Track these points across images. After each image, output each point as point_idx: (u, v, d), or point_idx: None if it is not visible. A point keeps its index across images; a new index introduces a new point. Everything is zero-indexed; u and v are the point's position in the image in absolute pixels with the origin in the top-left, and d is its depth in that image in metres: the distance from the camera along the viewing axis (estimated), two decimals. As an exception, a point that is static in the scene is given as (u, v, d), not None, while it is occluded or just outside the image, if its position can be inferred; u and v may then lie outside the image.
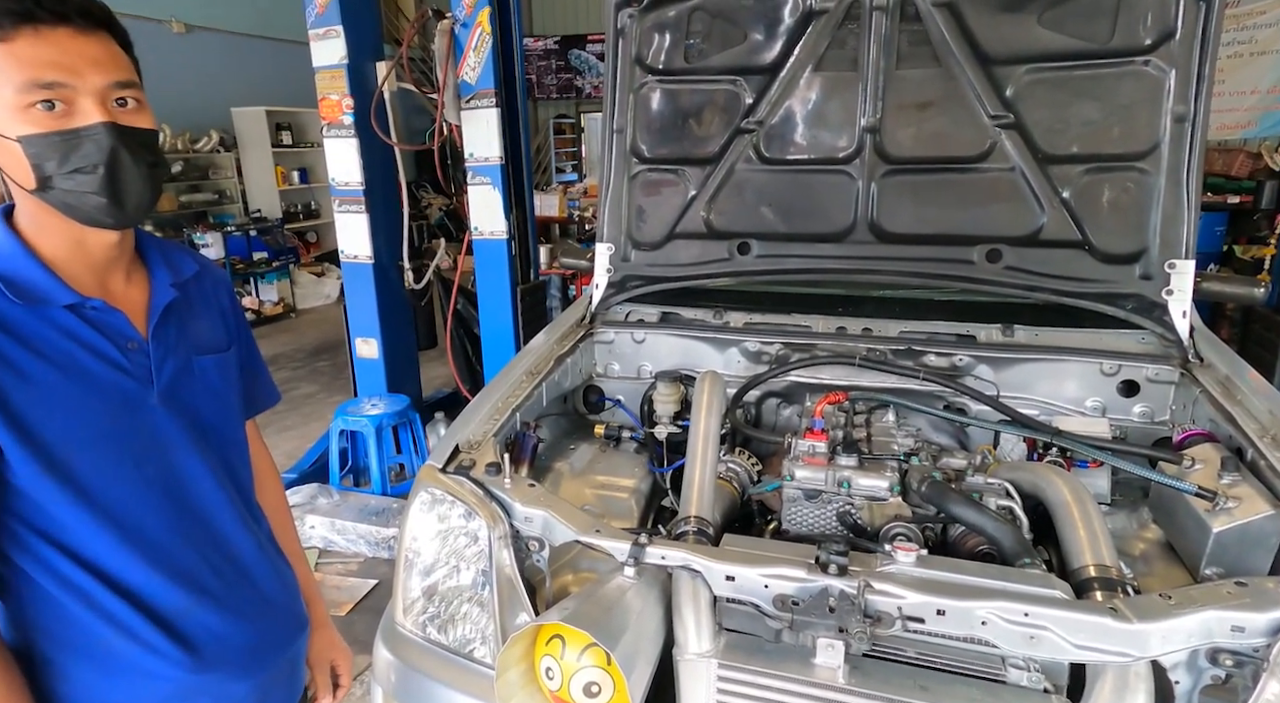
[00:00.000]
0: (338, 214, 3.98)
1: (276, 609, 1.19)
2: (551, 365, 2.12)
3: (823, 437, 1.78)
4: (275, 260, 8.39)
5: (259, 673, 1.14)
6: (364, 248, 3.98)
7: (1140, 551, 1.61)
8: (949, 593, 1.24)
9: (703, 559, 1.38)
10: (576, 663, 1.22)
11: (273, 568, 1.20)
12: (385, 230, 4.06)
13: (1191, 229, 1.83)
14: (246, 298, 8.42)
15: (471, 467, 1.63)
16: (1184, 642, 1.14)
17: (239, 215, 8.55)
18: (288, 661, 1.22)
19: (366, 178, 3.87)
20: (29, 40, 0.89)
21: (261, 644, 1.15)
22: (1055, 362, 1.93)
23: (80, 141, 0.93)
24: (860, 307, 2.25)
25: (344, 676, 1.39)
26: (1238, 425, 1.55)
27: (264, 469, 1.38)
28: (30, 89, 0.90)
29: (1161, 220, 1.86)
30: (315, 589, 1.41)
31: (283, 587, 1.22)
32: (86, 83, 0.93)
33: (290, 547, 1.36)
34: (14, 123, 0.91)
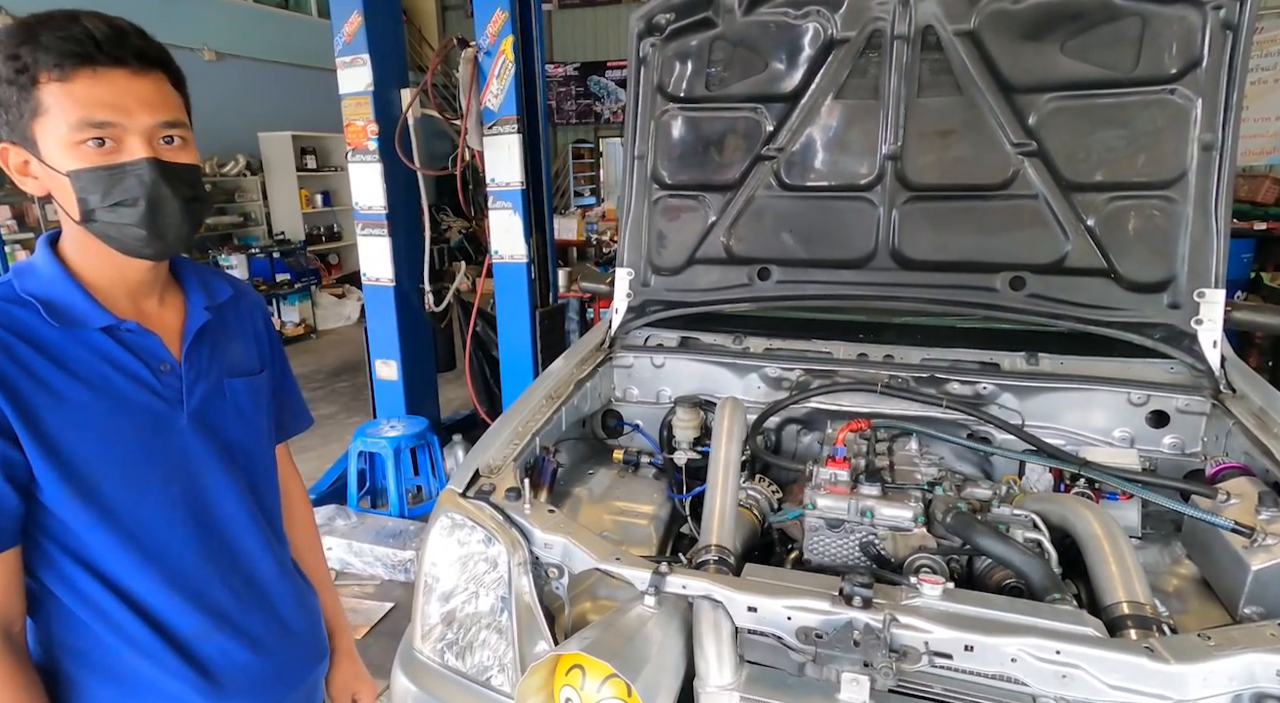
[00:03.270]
0: (360, 237, 4.04)
1: (295, 636, 1.18)
2: (571, 390, 2.12)
3: (845, 465, 1.76)
4: (297, 282, 8.50)
5: (274, 700, 1.13)
6: (385, 271, 4.03)
7: (1175, 587, 1.57)
8: (977, 628, 1.21)
9: (724, 589, 1.36)
10: (597, 694, 1.20)
11: (294, 593, 1.20)
12: (406, 253, 4.10)
13: (1221, 258, 1.80)
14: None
15: (492, 491, 1.63)
16: (1225, 686, 1.10)
17: (263, 238, 8.71)
18: (305, 689, 1.21)
19: (389, 202, 3.92)
20: (87, 82, 0.92)
21: (278, 671, 1.14)
22: (1082, 391, 1.90)
23: (124, 176, 0.96)
24: (882, 333, 2.24)
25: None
26: (1275, 460, 1.52)
27: (294, 495, 1.38)
28: (83, 127, 0.93)
29: (1190, 249, 1.83)
30: (342, 618, 1.41)
31: (304, 613, 1.22)
32: (136, 121, 0.96)
33: (318, 574, 1.37)
34: (66, 157, 0.95)
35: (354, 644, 1.41)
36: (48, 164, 0.96)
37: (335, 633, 1.37)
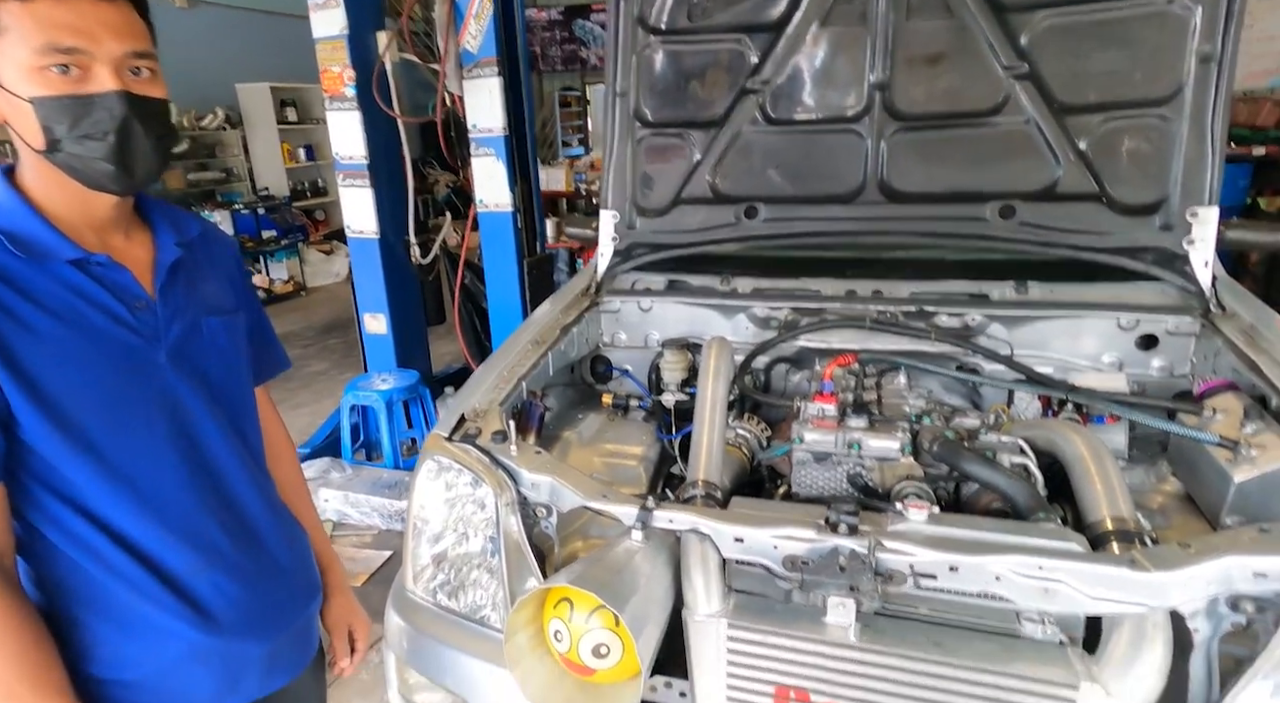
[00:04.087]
0: (342, 189, 3.95)
1: (287, 573, 1.19)
2: (557, 335, 2.11)
3: (832, 400, 1.76)
4: (284, 239, 8.39)
5: (270, 637, 1.14)
6: (369, 223, 3.96)
7: (1159, 504, 1.59)
8: (962, 549, 1.22)
9: (711, 522, 1.37)
10: (585, 625, 1.22)
11: (284, 532, 1.20)
12: (390, 205, 4.02)
13: (1215, 174, 1.76)
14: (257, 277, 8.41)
15: (477, 435, 1.62)
16: (1204, 590, 1.12)
17: (246, 194, 8.53)
18: (299, 626, 1.23)
19: (370, 151, 3.83)
20: (49, 2, 0.88)
21: (272, 608, 1.15)
22: (1070, 318, 1.88)
23: (92, 108, 0.93)
24: (870, 269, 2.21)
25: (360, 641, 1.40)
26: (1261, 373, 1.51)
27: (277, 437, 1.38)
28: (47, 52, 0.89)
29: (1184, 166, 1.79)
30: (332, 556, 1.42)
31: (294, 551, 1.22)
32: (103, 49, 0.92)
33: (305, 514, 1.37)
34: (28, 83, 0.91)
35: (347, 580, 1.43)
36: (7, 89, 0.91)
37: (327, 570, 1.38)
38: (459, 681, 1.45)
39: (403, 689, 1.59)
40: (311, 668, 1.28)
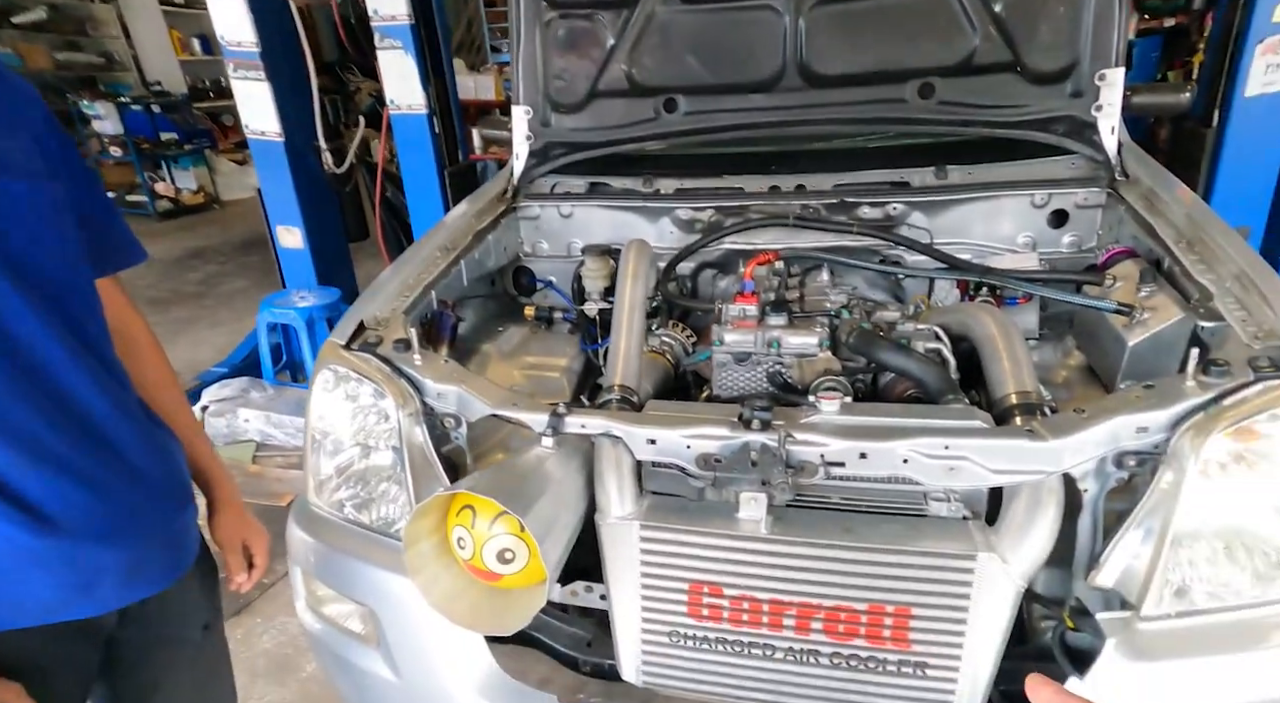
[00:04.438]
0: (234, 80, 3.59)
1: (147, 480, 1.08)
2: (470, 241, 1.99)
3: (753, 300, 1.71)
4: (187, 143, 7.74)
5: (128, 544, 1.05)
6: (270, 122, 3.65)
7: (1064, 378, 1.63)
8: (871, 435, 1.22)
9: (624, 425, 1.33)
10: (488, 531, 1.18)
11: (141, 436, 1.09)
12: (295, 104, 3.71)
13: (1122, 34, 1.75)
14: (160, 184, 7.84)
15: (378, 343, 1.53)
16: (1094, 451, 1.15)
17: (135, 86, 7.76)
18: (168, 535, 1.14)
19: (261, 38, 3.46)
20: None
21: (127, 514, 1.05)
22: (988, 200, 1.87)
23: None
24: (793, 162, 2.13)
25: (259, 555, 1.34)
26: (1157, 236, 1.54)
27: (136, 336, 1.23)
28: None
29: (1093, 25, 1.76)
30: (219, 467, 1.32)
31: (156, 457, 1.11)
32: None
33: (180, 420, 1.25)
34: None
35: (238, 492, 1.34)
36: None
37: (214, 483, 1.30)
38: (369, 593, 1.42)
39: (311, 602, 1.56)
40: (194, 580, 1.20)
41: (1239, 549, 1.11)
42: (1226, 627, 1.10)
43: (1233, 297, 1.30)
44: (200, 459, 1.28)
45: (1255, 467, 1.08)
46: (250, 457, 3.45)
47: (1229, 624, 1.10)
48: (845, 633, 1.26)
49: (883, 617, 1.23)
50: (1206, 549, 1.12)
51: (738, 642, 1.33)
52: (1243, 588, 1.12)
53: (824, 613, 1.26)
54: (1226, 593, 1.12)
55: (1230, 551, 1.11)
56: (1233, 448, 1.08)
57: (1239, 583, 1.12)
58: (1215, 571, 1.12)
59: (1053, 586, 1.34)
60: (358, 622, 1.51)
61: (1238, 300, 1.29)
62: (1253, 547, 1.11)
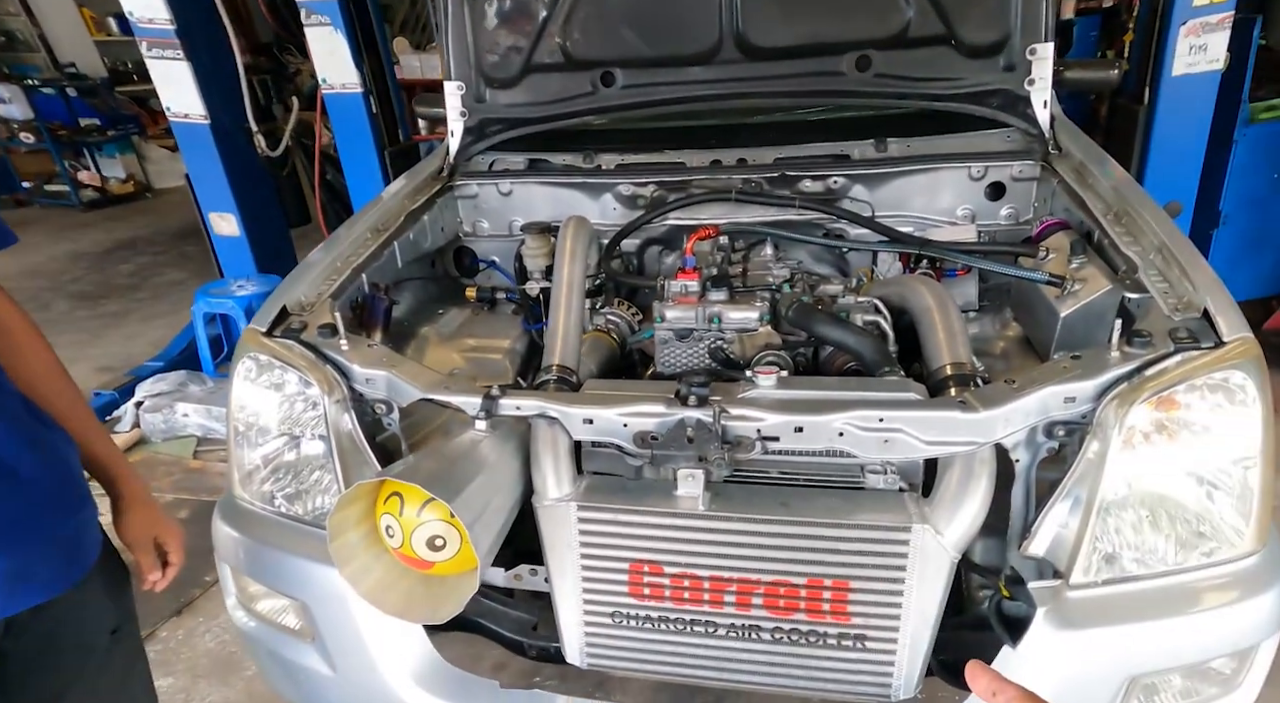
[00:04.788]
0: (150, 60, 3.40)
1: (25, 482, 1.01)
2: (403, 222, 1.92)
3: (694, 275, 1.69)
4: (111, 130, 7.35)
5: (7, 552, 0.99)
6: (193, 104, 3.47)
7: (1001, 349, 1.65)
8: (806, 409, 1.21)
9: (559, 405, 1.30)
10: (416, 518, 1.14)
11: (21, 437, 1.02)
12: (220, 84, 3.53)
13: (1050, 9, 1.76)
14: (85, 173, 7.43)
15: (302, 329, 1.47)
16: (1024, 421, 1.16)
17: (46, 68, 7.29)
18: (57, 540, 1.07)
19: (176, 14, 3.27)
20: None
21: (5, 521, 0.99)
22: (927, 172, 1.88)
23: None
24: (734, 136, 2.11)
25: (174, 553, 1.27)
26: (1087, 209, 1.56)
27: (12, 328, 1.15)
28: None
29: (1023, 1, 1.77)
30: (121, 462, 1.25)
31: (37, 457, 1.04)
32: None
33: (74, 416, 1.18)
34: None
35: (146, 490, 1.27)
36: None
37: (116, 479, 1.23)
38: (301, 587, 1.37)
39: (242, 600, 1.50)
40: (96, 584, 1.14)
41: (1162, 517, 1.13)
42: (1151, 594, 1.13)
43: (1155, 269, 1.33)
44: (99, 455, 1.21)
45: (1175, 436, 1.11)
46: (191, 452, 3.33)
47: (1154, 591, 1.13)
48: (785, 608, 1.26)
49: (821, 591, 1.23)
50: (1132, 518, 1.14)
51: (680, 620, 1.32)
52: (1167, 555, 1.14)
53: (764, 588, 1.25)
54: (1152, 561, 1.14)
55: (1154, 519, 1.13)
56: (1155, 417, 1.10)
57: (1163, 551, 1.14)
58: (1141, 538, 1.14)
59: (990, 555, 1.36)
60: (292, 617, 1.46)
61: (1160, 272, 1.31)
62: (1175, 515, 1.13)
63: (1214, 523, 1.13)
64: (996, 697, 0.53)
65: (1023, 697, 0.52)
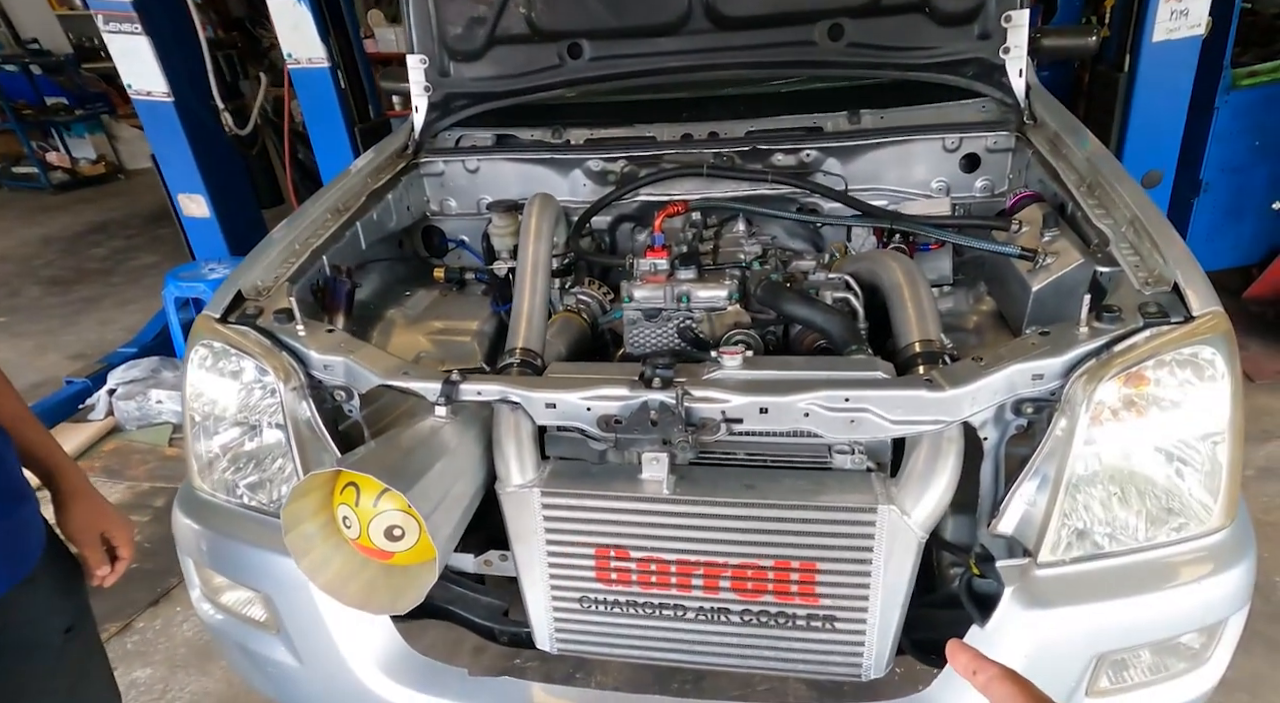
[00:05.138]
0: (108, 35, 3.27)
1: None
2: (365, 201, 1.86)
3: (663, 253, 1.66)
4: (79, 108, 7.12)
5: None
6: (156, 82, 3.36)
7: (974, 323, 1.62)
8: (771, 390, 1.18)
9: (521, 390, 1.27)
10: (373, 509, 1.12)
11: None
12: (182, 60, 3.42)
13: None
14: (53, 154, 7.21)
15: (258, 315, 1.43)
16: (991, 399, 1.14)
17: (7, 44, 7.05)
18: None
19: (132, -15, 3.16)
20: None
21: None
22: (901, 145, 1.83)
23: None
24: (705, 109, 2.06)
25: (123, 547, 1.24)
26: (1060, 181, 1.52)
27: None
28: None
29: None
30: (59, 455, 1.21)
31: None
32: None
33: (4, 409, 1.14)
34: None
35: (86, 480, 1.24)
36: None
37: (55, 473, 1.19)
38: (262, 578, 1.34)
39: (206, 592, 1.47)
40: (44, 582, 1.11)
41: (1131, 494, 1.12)
42: (1120, 571, 1.12)
43: (1127, 242, 1.30)
44: (35, 449, 1.17)
45: (1144, 412, 1.09)
46: (167, 439, 3.28)
47: (1122, 569, 1.12)
48: (754, 590, 1.25)
49: (789, 572, 1.22)
50: (1101, 495, 1.12)
51: (648, 604, 1.30)
52: (1136, 533, 1.13)
53: (731, 571, 1.24)
54: (1121, 538, 1.13)
55: (1123, 496, 1.12)
56: (1123, 393, 1.08)
57: (1132, 528, 1.13)
58: (1110, 516, 1.13)
59: (961, 533, 1.34)
60: (257, 609, 1.44)
61: (1132, 245, 1.29)
62: (1144, 491, 1.12)
63: (1183, 499, 1.12)
64: (976, 675, 0.53)
65: (1002, 675, 0.52)
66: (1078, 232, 1.43)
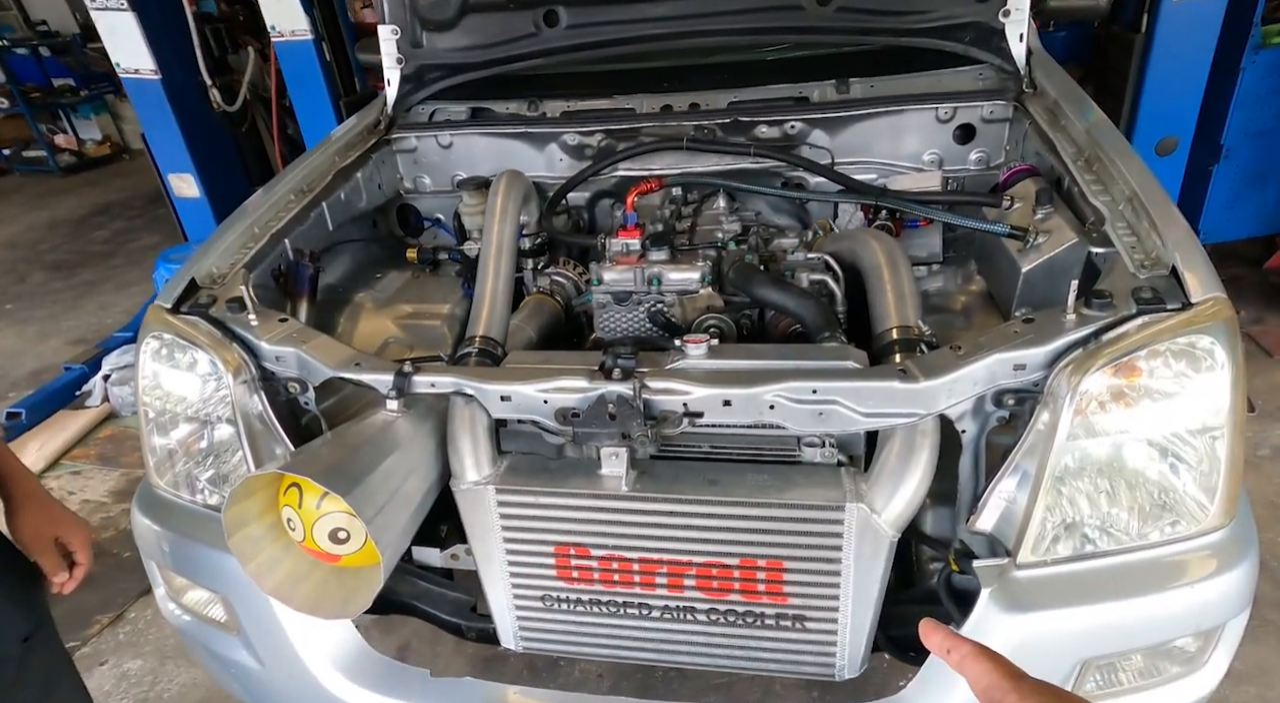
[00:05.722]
0: (94, 12, 3.22)
1: None
2: (331, 181, 1.79)
3: (636, 233, 1.58)
4: (85, 89, 7.09)
5: None
6: (143, 59, 3.30)
7: (963, 304, 1.53)
8: (735, 381, 1.11)
9: (475, 382, 1.21)
10: (316, 511, 1.06)
11: None
12: (169, 36, 3.36)
13: None
14: (61, 136, 7.20)
15: (211, 304, 1.37)
16: (969, 390, 1.06)
17: (18, 27, 7.03)
18: None
19: (113, -42, 3.09)
20: None
21: None
22: (891, 115, 1.73)
23: None
24: (686, 79, 1.95)
25: (79, 551, 1.20)
26: (1058, 153, 1.42)
27: None
28: None
29: None
30: (11, 460, 1.18)
31: None
32: None
33: None
34: None
35: (39, 488, 1.20)
36: None
37: (7, 480, 1.16)
38: (218, 579, 1.30)
39: (170, 592, 1.44)
40: None
41: (1120, 493, 1.04)
42: (1106, 574, 1.05)
43: (1124, 221, 1.20)
44: None
45: (1135, 405, 1.00)
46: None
47: (1108, 571, 1.05)
48: (720, 589, 1.19)
49: (755, 571, 1.16)
50: (1087, 492, 1.05)
51: (612, 602, 1.25)
52: (1125, 533, 1.05)
53: (696, 570, 1.18)
54: (1107, 539, 1.06)
55: (1112, 495, 1.04)
56: (1112, 385, 1.00)
57: (1121, 528, 1.05)
58: (1096, 516, 1.05)
59: (942, 525, 1.27)
60: (219, 610, 1.40)
61: (1129, 225, 1.19)
62: (1135, 487, 1.04)
63: (1177, 498, 1.04)
64: (950, 654, 0.53)
65: (976, 652, 0.52)
66: (1074, 209, 1.33)
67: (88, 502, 2.83)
